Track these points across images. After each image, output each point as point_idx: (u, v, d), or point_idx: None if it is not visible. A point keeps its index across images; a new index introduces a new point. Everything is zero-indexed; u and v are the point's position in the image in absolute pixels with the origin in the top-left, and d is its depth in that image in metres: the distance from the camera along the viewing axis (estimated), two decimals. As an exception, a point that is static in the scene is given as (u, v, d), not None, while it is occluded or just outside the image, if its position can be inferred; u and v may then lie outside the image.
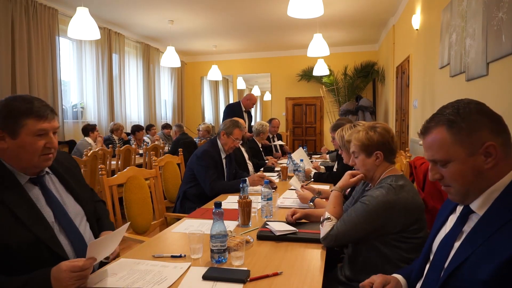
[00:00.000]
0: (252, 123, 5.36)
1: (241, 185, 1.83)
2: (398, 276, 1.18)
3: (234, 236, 1.42)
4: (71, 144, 5.40)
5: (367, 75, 8.18)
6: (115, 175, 2.14)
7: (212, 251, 1.31)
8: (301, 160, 3.06)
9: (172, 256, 1.38)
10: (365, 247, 1.44)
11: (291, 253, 1.43)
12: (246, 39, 7.92)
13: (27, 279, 1.08)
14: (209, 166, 2.67)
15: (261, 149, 4.58)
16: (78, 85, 6.15)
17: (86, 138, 5.11)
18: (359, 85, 8.29)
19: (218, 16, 6.22)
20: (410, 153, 2.61)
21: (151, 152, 3.01)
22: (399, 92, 5.92)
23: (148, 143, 5.96)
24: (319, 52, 5.35)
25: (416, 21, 4.46)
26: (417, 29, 4.49)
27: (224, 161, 2.88)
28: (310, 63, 8.02)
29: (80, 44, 6.08)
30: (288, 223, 1.69)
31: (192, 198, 2.67)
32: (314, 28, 6.23)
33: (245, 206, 1.73)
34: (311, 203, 2.04)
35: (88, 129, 5.16)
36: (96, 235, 1.42)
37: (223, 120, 5.05)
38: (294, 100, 9.33)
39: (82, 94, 6.18)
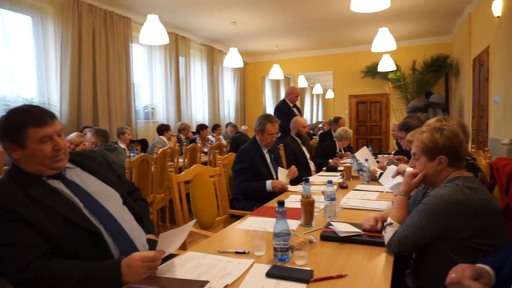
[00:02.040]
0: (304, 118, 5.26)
1: (303, 184, 1.81)
2: (488, 269, 1.08)
3: (297, 235, 1.41)
4: (143, 142, 5.80)
5: (438, 69, 7.63)
6: (183, 172, 2.25)
7: (275, 249, 1.31)
8: (366, 160, 2.95)
9: (236, 252, 1.41)
10: (432, 253, 1.34)
11: (356, 255, 1.38)
12: (308, 37, 7.84)
13: (98, 266, 1.17)
14: (241, 167, 2.75)
15: (337, 153, 4.49)
16: (149, 88, 6.58)
17: (161, 137, 5.45)
18: (430, 80, 7.76)
19: (279, 15, 6.24)
20: (490, 154, 2.38)
21: (215, 151, 3.12)
22: (476, 87, 5.43)
23: (212, 141, 6.19)
24: (384, 47, 5.11)
25: (498, 7, 4.04)
26: (498, 16, 4.07)
27: (267, 156, 2.92)
28: (374, 58, 7.69)
29: (150, 49, 6.50)
30: (353, 224, 1.64)
31: (239, 196, 2.74)
32: (379, 22, 5.96)
33: (308, 206, 1.71)
34: None
35: (163, 129, 5.52)
36: (134, 213, 1.48)
37: None
38: (358, 97, 9.02)
39: (152, 96, 6.61)
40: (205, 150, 5.55)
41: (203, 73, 8.08)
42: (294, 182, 2.97)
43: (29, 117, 1.25)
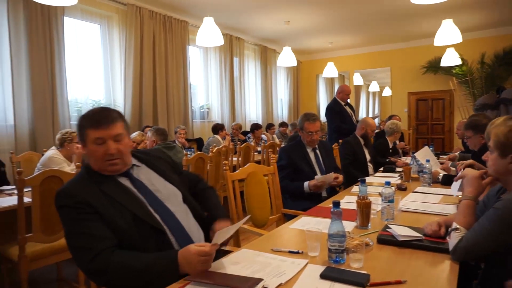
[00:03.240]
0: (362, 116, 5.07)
1: (360, 185, 1.76)
2: None
3: (352, 237, 1.37)
4: (199, 141, 6.02)
5: (511, 62, 6.96)
6: (237, 171, 2.30)
7: (330, 250, 1.29)
8: (427, 161, 2.78)
9: (290, 252, 1.41)
10: (504, 263, 1.23)
11: (416, 261, 1.31)
12: (364, 33, 7.57)
13: (157, 256, 1.23)
14: (280, 164, 2.75)
15: (390, 149, 4.32)
16: (204, 88, 6.80)
17: (215, 136, 5.62)
18: (501, 74, 7.11)
19: (334, 12, 6.10)
20: None
21: (269, 150, 3.14)
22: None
23: (265, 140, 6.23)
24: (449, 40, 4.78)
25: None
26: None
27: (311, 154, 2.88)
28: (437, 53, 7.22)
29: (206, 51, 6.71)
30: (413, 228, 1.55)
31: (283, 194, 2.73)
32: (442, 13, 5.59)
33: (364, 207, 1.66)
34: None
35: (218, 128, 5.69)
36: (194, 210, 1.51)
37: (327, 123, 4.96)
38: (418, 94, 8.53)
39: (207, 96, 6.82)
40: (259, 149, 5.61)
41: (257, 73, 8.16)
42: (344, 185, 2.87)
43: (90, 119, 1.36)
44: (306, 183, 2.65)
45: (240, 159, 4.69)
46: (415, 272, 1.22)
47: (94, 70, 5.01)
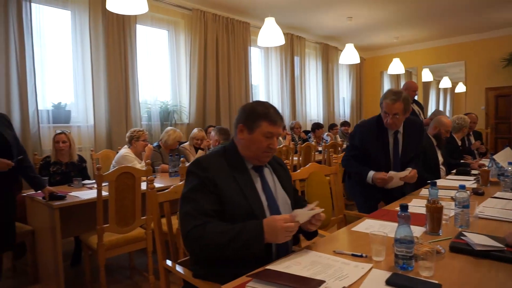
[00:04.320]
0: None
1: (430, 188, 1.64)
2: None
3: (421, 244, 1.29)
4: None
5: None
6: (298, 171, 2.29)
7: (396, 256, 1.23)
8: (510, 163, 2.51)
9: (353, 255, 1.37)
10: None
11: (496, 274, 1.19)
12: (433, 25, 7.07)
13: (244, 224, 1.32)
14: (354, 144, 2.60)
15: (460, 147, 3.99)
16: (265, 88, 6.86)
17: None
18: None
19: (400, 5, 5.79)
20: None
21: (330, 150, 3.08)
22: None
23: (327, 140, 6.12)
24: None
25: None
26: None
27: (391, 138, 2.54)
28: (521, 43, 6.49)
29: (267, 51, 6.76)
30: (493, 237, 1.41)
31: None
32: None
33: (435, 212, 1.55)
34: None
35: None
36: None
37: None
38: (497, 90, 7.75)
39: (268, 95, 6.87)
40: (320, 148, 5.52)
41: (318, 71, 8.04)
42: (412, 186, 2.61)
43: (269, 113, 1.48)
44: (371, 173, 2.44)
45: (300, 158, 4.66)
46: (495, 286, 1.11)
47: (162, 73, 5.32)
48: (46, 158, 3.40)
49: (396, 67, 7.67)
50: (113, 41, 4.41)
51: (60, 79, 4.24)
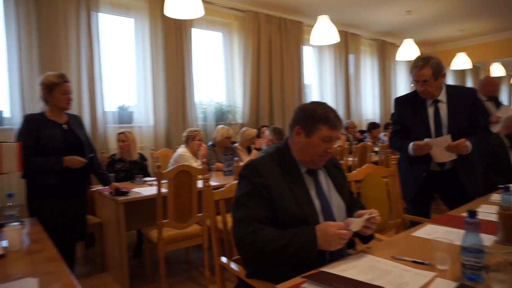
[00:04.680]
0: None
1: (503, 193, 1.50)
2: None
3: (493, 254, 1.18)
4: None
5: None
6: (354, 171, 2.22)
7: (463, 265, 1.14)
8: None
9: (414, 262, 1.30)
10: None
11: None
12: (504, 14, 6.47)
13: (297, 230, 1.31)
14: (394, 120, 2.59)
15: None
16: (318, 87, 6.76)
17: None
18: None
19: (467, -6, 5.38)
20: None
21: (387, 150, 2.95)
22: None
23: (384, 140, 5.88)
24: None
25: None
26: None
27: (430, 108, 2.39)
28: None
29: (320, 50, 6.65)
30: None
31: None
32: None
33: (509, 220, 1.42)
34: None
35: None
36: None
37: None
38: None
39: (322, 95, 6.76)
40: (376, 149, 5.32)
41: (374, 69, 7.75)
42: (478, 189, 2.37)
43: (329, 116, 1.44)
44: (411, 144, 2.31)
45: (355, 159, 4.53)
46: None
47: (216, 75, 5.46)
48: (112, 156, 3.67)
49: (462, 62, 7.14)
50: (171, 45, 4.61)
51: (124, 82, 4.53)
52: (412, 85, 2.39)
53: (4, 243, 1.54)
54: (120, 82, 4.49)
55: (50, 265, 1.34)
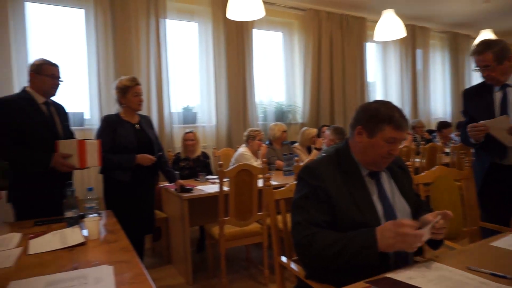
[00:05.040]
0: None
1: None
2: None
3: None
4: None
5: None
6: (422, 173, 2.09)
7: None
8: None
9: (493, 274, 1.18)
10: None
11: None
12: None
13: (356, 232, 1.26)
14: (463, 111, 2.43)
15: None
16: (382, 85, 6.46)
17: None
18: None
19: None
20: None
21: (460, 151, 2.73)
22: None
23: (456, 141, 5.45)
24: None
25: None
26: None
27: (497, 93, 2.24)
28: None
29: (384, 46, 6.36)
30: None
31: None
32: None
33: None
34: None
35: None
36: None
37: None
38: None
39: (386, 93, 6.45)
40: (447, 150, 4.95)
41: (445, 64, 7.21)
42: None
43: (394, 116, 1.35)
44: (468, 127, 2.17)
45: (423, 160, 4.25)
46: None
47: (276, 75, 5.48)
48: (177, 154, 3.86)
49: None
50: (233, 47, 4.73)
51: (188, 84, 4.75)
52: (475, 70, 2.26)
53: (85, 232, 1.69)
54: (185, 84, 4.70)
55: (124, 255, 1.44)
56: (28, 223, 1.99)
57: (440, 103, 7.22)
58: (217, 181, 2.80)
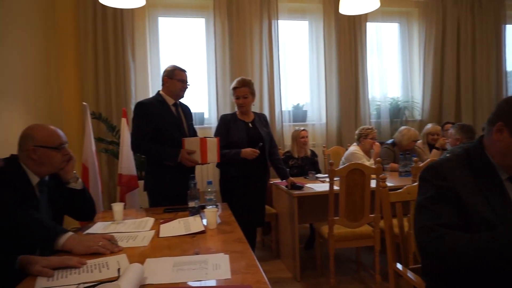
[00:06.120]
0: None
1: None
2: None
3: None
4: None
5: None
6: None
7: None
8: None
9: None
10: None
11: None
12: None
13: (492, 233, 1.10)
14: None
15: None
16: (526, 74, 5.46)
17: None
18: None
19: None
20: None
21: None
22: None
23: None
24: None
25: None
26: None
27: None
28: None
29: (530, 27, 5.36)
30: None
31: None
32: None
33: None
34: None
35: None
36: None
37: None
38: None
39: (530, 83, 5.44)
40: None
41: None
42: None
43: None
44: None
45: None
46: None
47: (391, 69, 5.12)
48: (286, 153, 3.94)
49: None
50: (344, 42, 4.59)
51: (298, 83, 4.79)
52: None
53: (205, 222, 1.86)
54: (295, 83, 4.76)
55: (238, 245, 1.53)
56: (159, 209, 2.28)
57: None
58: (327, 179, 2.76)
